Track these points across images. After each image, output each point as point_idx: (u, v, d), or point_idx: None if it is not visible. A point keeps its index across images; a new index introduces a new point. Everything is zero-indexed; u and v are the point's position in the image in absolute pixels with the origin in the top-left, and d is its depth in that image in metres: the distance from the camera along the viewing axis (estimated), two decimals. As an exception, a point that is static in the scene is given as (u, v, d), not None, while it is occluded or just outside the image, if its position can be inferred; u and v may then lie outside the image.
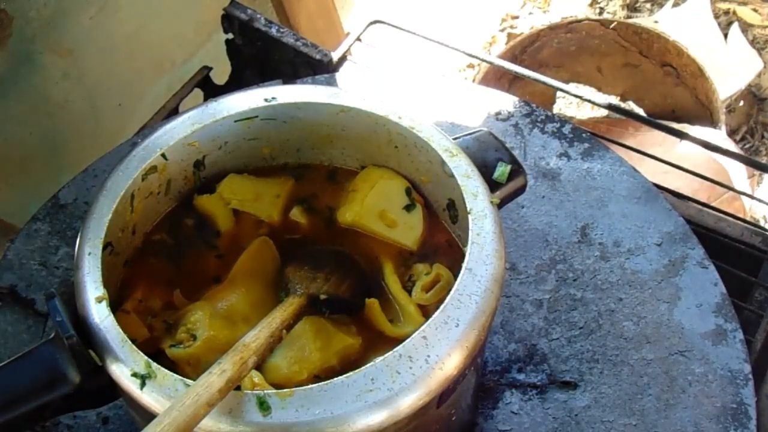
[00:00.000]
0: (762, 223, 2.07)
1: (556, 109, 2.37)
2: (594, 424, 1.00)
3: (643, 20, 2.52)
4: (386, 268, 0.92)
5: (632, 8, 2.70)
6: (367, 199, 0.95)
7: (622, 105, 2.21)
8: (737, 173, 1.91)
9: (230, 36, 1.54)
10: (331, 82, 1.36)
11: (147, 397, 0.72)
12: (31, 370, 0.75)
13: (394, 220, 0.94)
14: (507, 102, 1.32)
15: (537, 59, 2.17)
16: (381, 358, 0.73)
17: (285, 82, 1.35)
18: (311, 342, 0.83)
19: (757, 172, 2.06)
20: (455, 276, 0.81)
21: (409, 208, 0.95)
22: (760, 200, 1.41)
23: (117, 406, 0.94)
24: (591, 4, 2.72)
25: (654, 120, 1.53)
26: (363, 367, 0.72)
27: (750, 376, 1.03)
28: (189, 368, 0.82)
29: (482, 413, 1.02)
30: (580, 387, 1.03)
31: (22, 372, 0.75)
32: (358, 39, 1.51)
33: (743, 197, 1.82)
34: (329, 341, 0.84)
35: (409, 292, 0.89)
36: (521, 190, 0.94)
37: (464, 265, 0.80)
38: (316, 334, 0.84)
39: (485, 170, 0.90)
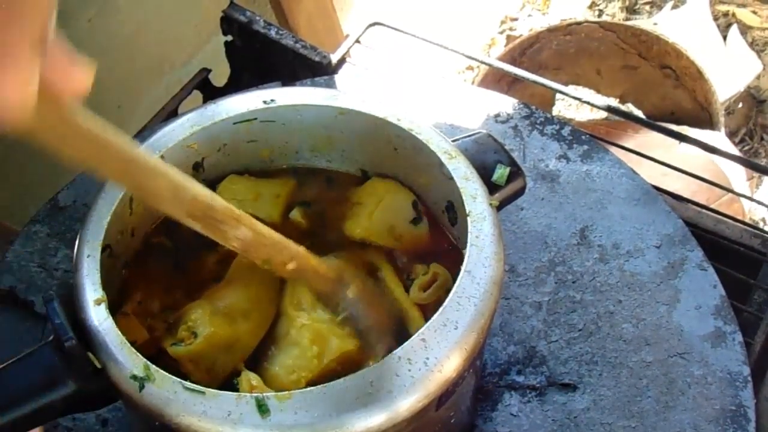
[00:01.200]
0: (761, 225, 2.07)
1: (555, 111, 2.37)
2: (593, 426, 1.00)
3: (642, 22, 2.53)
4: (386, 271, 0.92)
5: (631, 10, 2.71)
6: (375, 214, 0.94)
7: (621, 107, 2.21)
8: (736, 175, 1.91)
9: (229, 38, 1.54)
10: (330, 84, 1.36)
11: (146, 400, 0.72)
12: (30, 372, 0.75)
13: (402, 234, 0.94)
14: (506, 104, 1.32)
15: (536, 61, 2.17)
16: (380, 361, 0.73)
17: (284, 84, 1.35)
18: (308, 350, 0.83)
19: (756, 174, 2.07)
20: (454, 278, 0.81)
21: (415, 221, 0.95)
22: (759, 202, 1.41)
23: (116, 408, 0.94)
24: (590, 6, 2.72)
25: (653, 122, 1.53)
26: (362, 370, 0.72)
27: (749, 378, 1.03)
28: (191, 365, 0.82)
29: (481, 415, 1.02)
30: (579, 389, 1.03)
31: (21, 374, 0.74)
32: (357, 41, 1.51)
33: (742, 199, 1.82)
34: (326, 348, 0.84)
35: (407, 290, 0.89)
36: (520, 192, 0.94)
37: (463, 268, 0.80)
38: (312, 341, 0.84)
39: (484, 172, 0.90)
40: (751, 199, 1.48)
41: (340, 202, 0.98)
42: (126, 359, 0.74)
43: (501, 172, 0.92)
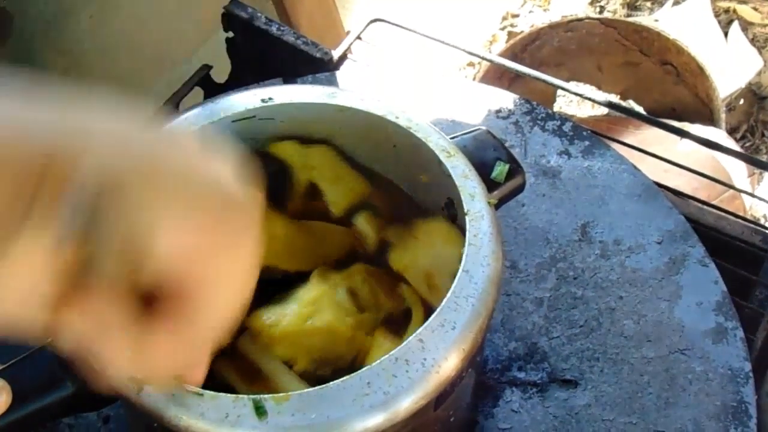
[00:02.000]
0: (762, 221, 2.07)
1: (556, 108, 2.36)
2: (594, 422, 1.00)
3: (643, 19, 2.52)
4: (415, 317, 0.88)
5: (632, 7, 2.70)
6: (420, 256, 0.90)
7: (623, 103, 2.21)
8: (737, 172, 1.91)
9: (230, 34, 1.53)
10: (332, 81, 1.36)
11: (143, 402, 0.72)
12: (30, 374, 0.75)
13: (438, 286, 0.88)
14: (507, 100, 1.32)
15: (537, 58, 2.17)
16: (377, 361, 0.73)
17: (285, 81, 1.35)
18: (303, 307, 0.83)
19: (757, 171, 2.06)
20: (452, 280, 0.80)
21: (454, 276, 0.91)
22: (760, 198, 1.40)
23: (118, 405, 0.93)
24: (591, 3, 2.71)
25: (654, 118, 1.53)
26: (359, 371, 0.72)
27: (750, 374, 1.03)
28: None
29: (482, 412, 1.02)
30: (580, 385, 1.03)
31: (20, 376, 0.74)
32: (359, 37, 1.51)
33: (743, 195, 1.82)
34: (318, 314, 0.83)
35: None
36: (520, 189, 0.94)
37: (461, 267, 0.79)
38: (311, 302, 0.83)
39: (483, 169, 0.90)
40: (752, 195, 1.48)
41: (399, 222, 0.94)
42: (124, 360, 0.74)
43: (500, 170, 0.92)
